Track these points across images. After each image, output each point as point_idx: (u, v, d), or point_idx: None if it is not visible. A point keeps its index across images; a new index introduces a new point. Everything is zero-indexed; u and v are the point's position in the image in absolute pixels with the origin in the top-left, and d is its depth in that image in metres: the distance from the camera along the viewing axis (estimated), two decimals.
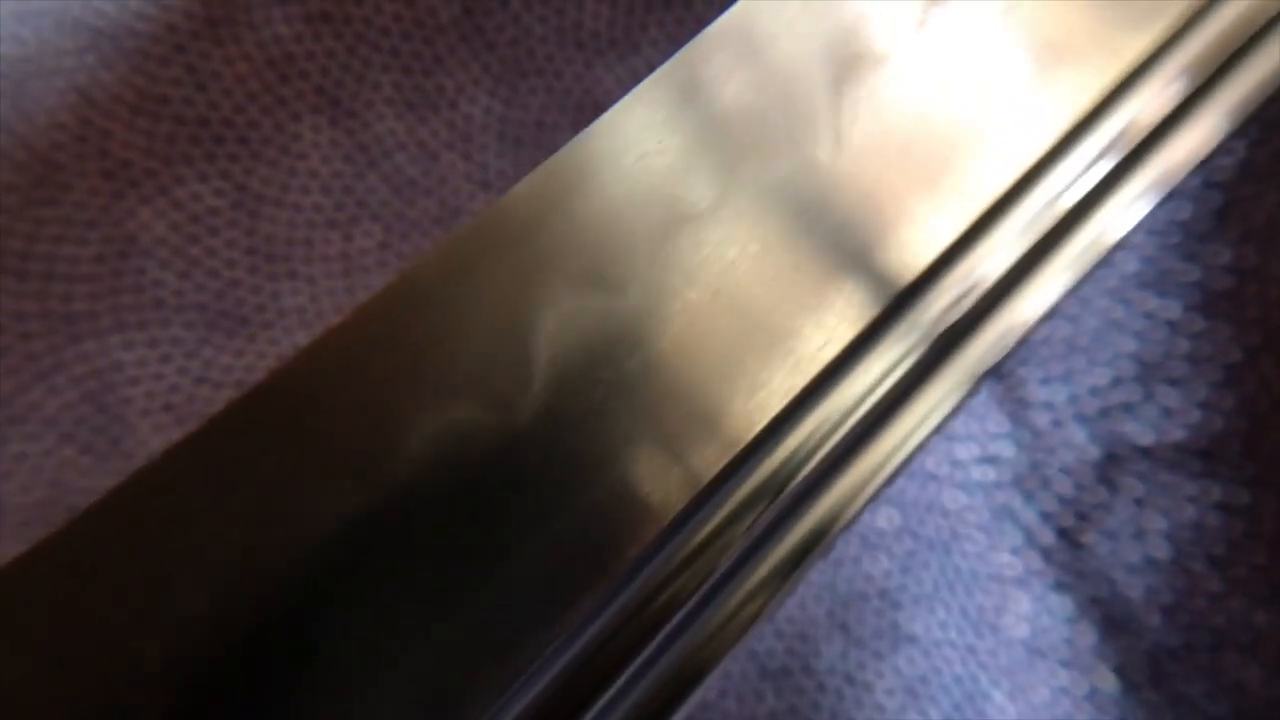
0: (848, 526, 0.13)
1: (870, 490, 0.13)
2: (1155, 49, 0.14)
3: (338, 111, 0.19)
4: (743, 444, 0.12)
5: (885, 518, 0.18)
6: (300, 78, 0.19)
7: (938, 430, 0.14)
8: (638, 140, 0.13)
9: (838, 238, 0.13)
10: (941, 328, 0.14)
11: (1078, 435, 0.18)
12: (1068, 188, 0.14)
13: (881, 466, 0.13)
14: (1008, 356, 0.14)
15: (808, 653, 0.18)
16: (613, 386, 0.12)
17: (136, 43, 0.19)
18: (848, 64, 0.13)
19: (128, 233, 0.19)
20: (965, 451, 0.19)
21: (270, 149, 0.19)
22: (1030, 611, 0.18)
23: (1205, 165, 0.18)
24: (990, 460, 0.19)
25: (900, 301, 0.13)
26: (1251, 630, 0.16)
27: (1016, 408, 0.18)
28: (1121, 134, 0.14)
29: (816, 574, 0.18)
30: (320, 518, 0.11)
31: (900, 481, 0.19)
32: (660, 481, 0.12)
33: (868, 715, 0.18)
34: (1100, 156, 0.14)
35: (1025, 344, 0.18)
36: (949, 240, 0.13)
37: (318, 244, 0.19)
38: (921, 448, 0.14)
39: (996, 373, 0.14)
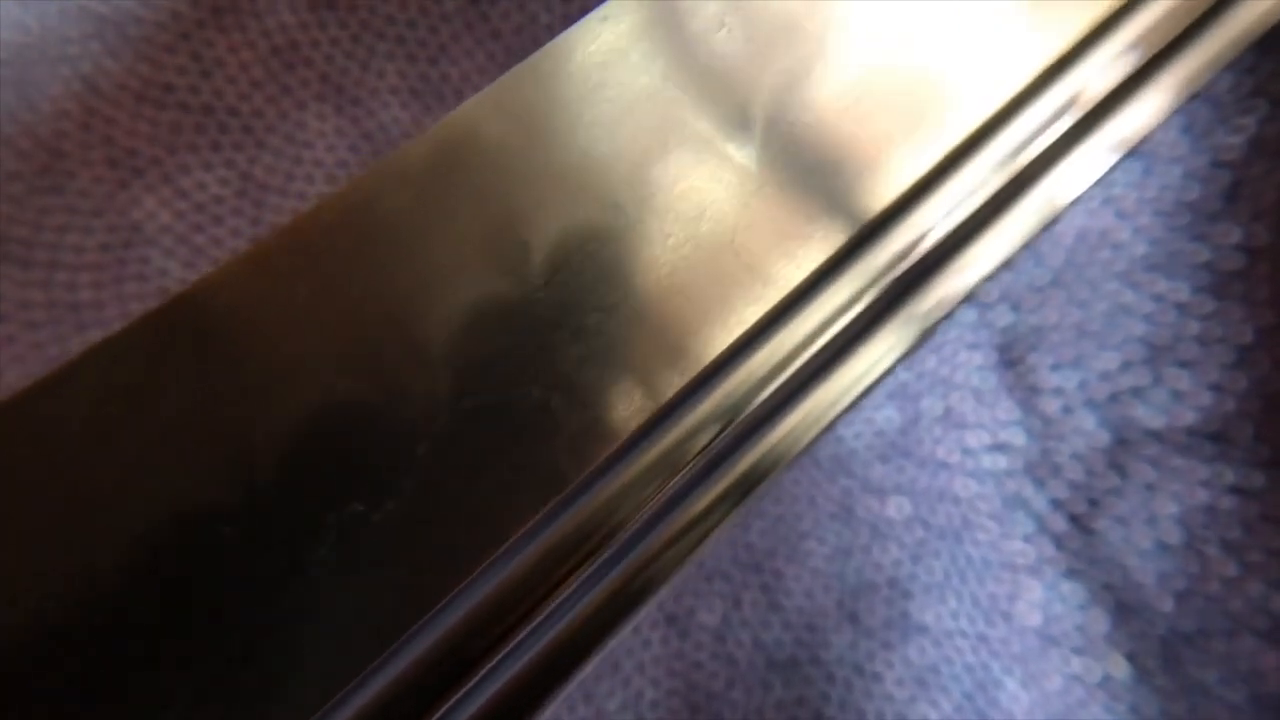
0: (800, 456, 0.13)
1: (825, 421, 0.14)
2: (1116, 11, 0.14)
3: (343, 100, 0.19)
4: (701, 367, 0.12)
5: (895, 506, 0.18)
6: (305, 66, 0.19)
7: (888, 373, 0.14)
8: (600, 71, 0.13)
9: (807, 174, 0.13)
10: (898, 271, 0.14)
11: (1088, 421, 0.18)
12: (1024, 146, 0.14)
13: (837, 400, 0.14)
14: (964, 302, 0.14)
15: (816, 643, 0.18)
16: (574, 303, 0.12)
17: (141, 30, 0.19)
18: (818, 14, 0.14)
19: (132, 221, 0.18)
20: (975, 439, 0.18)
21: (275, 137, 0.19)
22: (1042, 599, 0.18)
23: (1208, 143, 0.18)
24: (1001, 448, 0.18)
25: (862, 239, 0.13)
26: (1268, 615, 0.16)
27: (1027, 394, 0.18)
28: (1077, 96, 0.14)
29: (824, 562, 0.18)
30: (266, 420, 0.11)
31: (911, 470, 0.18)
32: (617, 399, 0.12)
33: (877, 706, 0.17)
34: (1056, 117, 0.14)
35: (1034, 330, 0.18)
36: (912, 182, 0.13)
37: None
38: (874, 386, 0.14)
39: (952, 316, 0.14)
